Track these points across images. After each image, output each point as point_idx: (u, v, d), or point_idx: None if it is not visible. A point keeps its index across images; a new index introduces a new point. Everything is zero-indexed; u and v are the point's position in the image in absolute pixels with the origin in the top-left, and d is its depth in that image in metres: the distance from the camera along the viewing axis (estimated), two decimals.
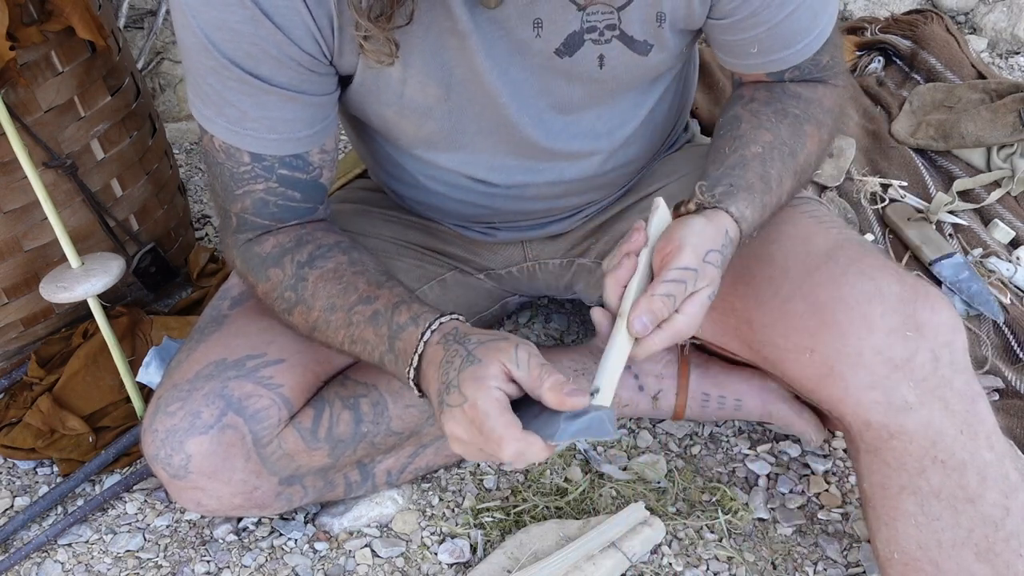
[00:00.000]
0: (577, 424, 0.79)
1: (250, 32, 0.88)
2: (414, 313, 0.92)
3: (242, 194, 1.01)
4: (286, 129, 0.96)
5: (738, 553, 1.16)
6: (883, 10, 2.27)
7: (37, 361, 1.42)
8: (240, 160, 0.98)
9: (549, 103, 1.02)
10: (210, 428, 1.02)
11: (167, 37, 2.00)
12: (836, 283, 0.95)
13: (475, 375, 0.81)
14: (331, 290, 0.98)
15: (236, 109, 0.94)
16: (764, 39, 1.00)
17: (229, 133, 0.96)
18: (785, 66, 1.03)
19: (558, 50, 0.96)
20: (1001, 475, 0.93)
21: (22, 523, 1.24)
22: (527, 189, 1.12)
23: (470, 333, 0.88)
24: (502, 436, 0.79)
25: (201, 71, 0.92)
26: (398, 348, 0.92)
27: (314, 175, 1.02)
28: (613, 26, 0.95)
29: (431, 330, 0.90)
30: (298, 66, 0.92)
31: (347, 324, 0.97)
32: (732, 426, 1.34)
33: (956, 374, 0.93)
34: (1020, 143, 1.67)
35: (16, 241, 1.37)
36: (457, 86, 0.98)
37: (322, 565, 1.18)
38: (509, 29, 0.94)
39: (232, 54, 0.90)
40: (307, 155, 1.00)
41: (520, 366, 0.81)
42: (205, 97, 0.95)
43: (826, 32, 1.02)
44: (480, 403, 0.80)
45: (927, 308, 0.93)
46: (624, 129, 1.09)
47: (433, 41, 0.94)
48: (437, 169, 1.10)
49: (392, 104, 1.00)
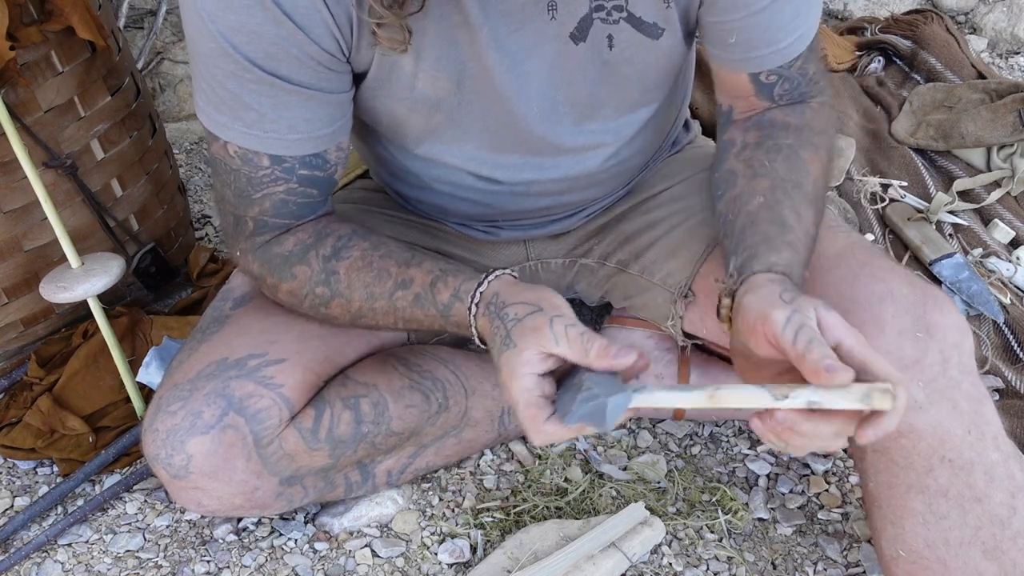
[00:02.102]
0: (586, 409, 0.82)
1: (271, 33, 0.89)
2: (453, 289, 0.96)
3: (260, 197, 1.01)
4: (307, 128, 0.97)
5: (738, 553, 1.16)
6: (883, 10, 2.27)
7: (37, 361, 1.42)
8: (259, 164, 0.98)
9: (562, 97, 1.03)
10: (211, 428, 1.02)
11: (167, 37, 2.00)
12: (848, 285, 0.96)
13: (509, 362, 0.85)
14: (365, 278, 1.01)
15: (255, 112, 0.94)
16: (743, 28, 0.98)
17: (247, 137, 0.96)
18: (766, 66, 1.02)
19: (572, 34, 0.97)
20: (1007, 475, 0.94)
21: (22, 523, 1.24)
22: (532, 186, 1.12)
23: (509, 302, 0.90)
24: (528, 427, 0.85)
25: (219, 76, 0.92)
26: (454, 323, 0.97)
27: (331, 172, 1.03)
28: (620, 7, 0.96)
29: (475, 304, 0.94)
30: (318, 64, 0.93)
31: (393, 310, 1.01)
32: (732, 426, 1.34)
33: (964, 376, 0.93)
34: (1020, 143, 1.67)
35: (16, 241, 1.37)
36: (468, 80, 0.98)
37: (322, 565, 1.18)
38: (523, 19, 0.95)
39: (253, 56, 0.90)
40: (326, 153, 1.00)
41: (559, 341, 0.83)
42: (220, 103, 0.95)
43: (809, 36, 1.01)
44: (512, 393, 0.85)
45: (936, 311, 0.93)
46: (632, 125, 1.10)
47: (446, 34, 0.94)
48: (443, 168, 1.11)
49: (404, 98, 1.00)
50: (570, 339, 0.83)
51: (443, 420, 1.17)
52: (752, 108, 1.07)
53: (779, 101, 1.06)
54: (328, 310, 1.04)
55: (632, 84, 1.05)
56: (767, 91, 1.04)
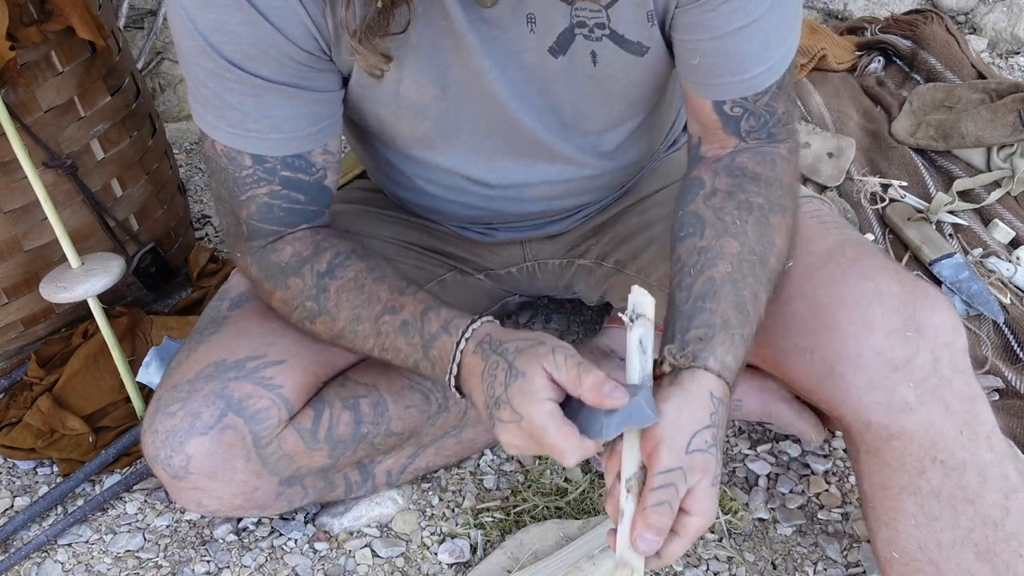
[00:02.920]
0: (619, 416, 0.81)
1: (248, 33, 0.88)
2: (444, 321, 0.93)
3: (246, 199, 1.00)
4: (289, 127, 0.96)
5: (738, 553, 1.16)
6: (883, 10, 2.27)
7: (37, 361, 1.42)
8: (242, 164, 0.98)
9: (548, 103, 1.02)
10: (210, 429, 1.02)
11: (167, 37, 2.00)
12: (836, 284, 0.95)
13: (524, 390, 0.82)
14: (354, 300, 0.99)
15: (237, 111, 0.94)
16: (707, 51, 0.94)
17: (230, 136, 0.96)
18: (730, 95, 0.97)
19: (551, 48, 0.96)
20: (1001, 475, 0.93)
21: (22, 523, 1.24)
22: (525, 190, 1.12)
23: (506, 340, 0.88)
24: (564, 449, 0.81)
25: (200, 75, 0.92)
26: (433, 356, 0.94)
27: (317, 176, 1.02)
28: (602, 24, 0.95)
29: (465, 339, 0.91)
30: (298, 64, 0.92)
31: (376, 334, 0.98)
32: (732, 426, 1.34)
33: (956, 375, 0.93)
34: (1020, 143, 1.67)
35: (16, 241, 1.37)
36: (454, 86, 0.98)
37: (322, 565, 1.18)
38: (504, 28, 0.94)
39: (232, 55, 0.90)
40: (309, 155, 0.99)
41: (559, 369, 0.82)
42: (206, 102, 0.95)
43: (779, 70, 0.96)
44: (537, 420, 0.81)
45: (927, 309, 0.93)
46: (622, 131, 1.09)
47: (428, 42, 0.94)
48: (435, 171, 1.10)
49: (388, 103, 1.00)
50: (567, 368, 0.82)
51: (443, 420, 1.17)
52: (721, 145, 1.02)
53: (747, 139, 1.01)
54: (313, 325, 1.03)
55: (617, 98, 1.03)
56: (733, 124, 1.00)
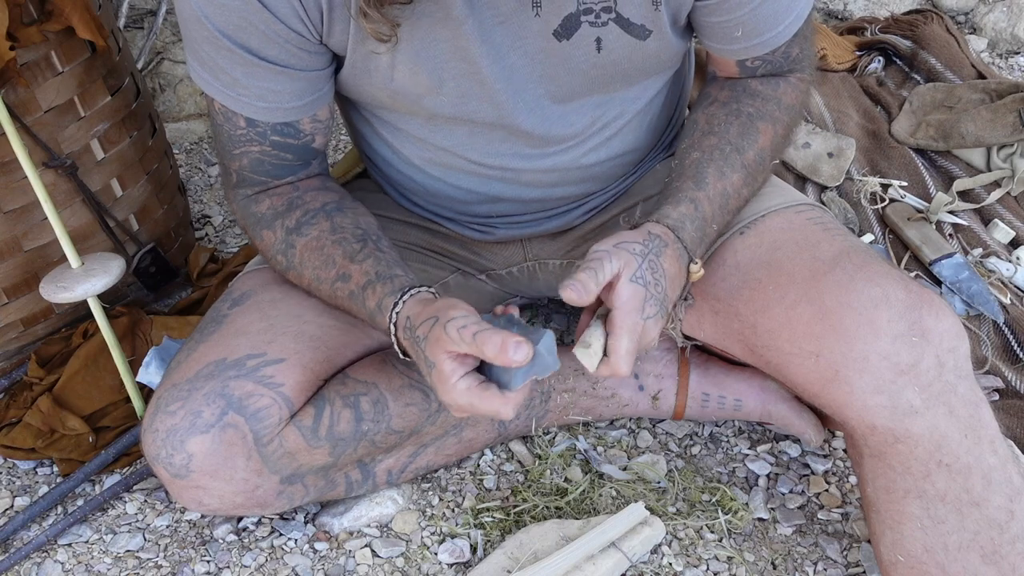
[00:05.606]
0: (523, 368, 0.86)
1: (239, 8, 0.93)
2: (378, 299, 1.01)
3: (239, 154, 1.07)
4: (275, 99, 1.01)
5: (738, 553, 1.16)
6: (883, 10, 2.27)
7: (37, 361, 1.42)
8: (236, 124, 1.04)
9: (547, 90, 1.04)
10: (211, 427, 1.02)
11: (167, 37, 2.00)
12: (843, 289, 0.95)
13: (439, 379, 0.90)
14: (314, 262, 1.07)
15: (229, 76, 0.99)
16: (748, 21, 1.02)
17: (225, 97, 1.02)
18: (765, 50, 1.06)
19: (556, 32, 0.98)
20: (1005, 479, 0.94)
21: (22, 523, 1.24)
22: (521, 174, 1.14)
23: (418, 325, 0.94)
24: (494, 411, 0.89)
25: (197, 39, 0.98)
26: (381, 331, 1.02)
27: (305, 140, 1.07)
28: (609, 8, 0.97)
29: (394, 324, 0.99)
30: (286, 43, 0.96)
31: (332, 296, 1.07)
32: (732, 426, 1.34)
33: (960, 380, 0.93)
34: (1020, 143, 1.67)
35: (16, 241, 1.37)
36: (449, 75, 1.00)
37: (322, 565, 1.18)
38: (507, 13, 0.96)
39: (223, 27, 0.94)
40: (298, 123, 1.05)
41: (459, 344, 0.87)
42: (203, 62, 1.00)
43: (802, 15, 1.04)
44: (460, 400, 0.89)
45: (932, 314, 0.93)
46: (619, 120, 1.11)
47: (424, 30, 0.96)
48: (433, 150, 1.13)
49: (383, 87, 1.03)
50: (464, 340, 0.86)
51: (443, 419, 1.18)
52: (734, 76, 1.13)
53: (758, 74, 1.11)
54: (287, 276, 1.12)
55: (618, 83, 1.07)
56: (750, 71, 1.10)
